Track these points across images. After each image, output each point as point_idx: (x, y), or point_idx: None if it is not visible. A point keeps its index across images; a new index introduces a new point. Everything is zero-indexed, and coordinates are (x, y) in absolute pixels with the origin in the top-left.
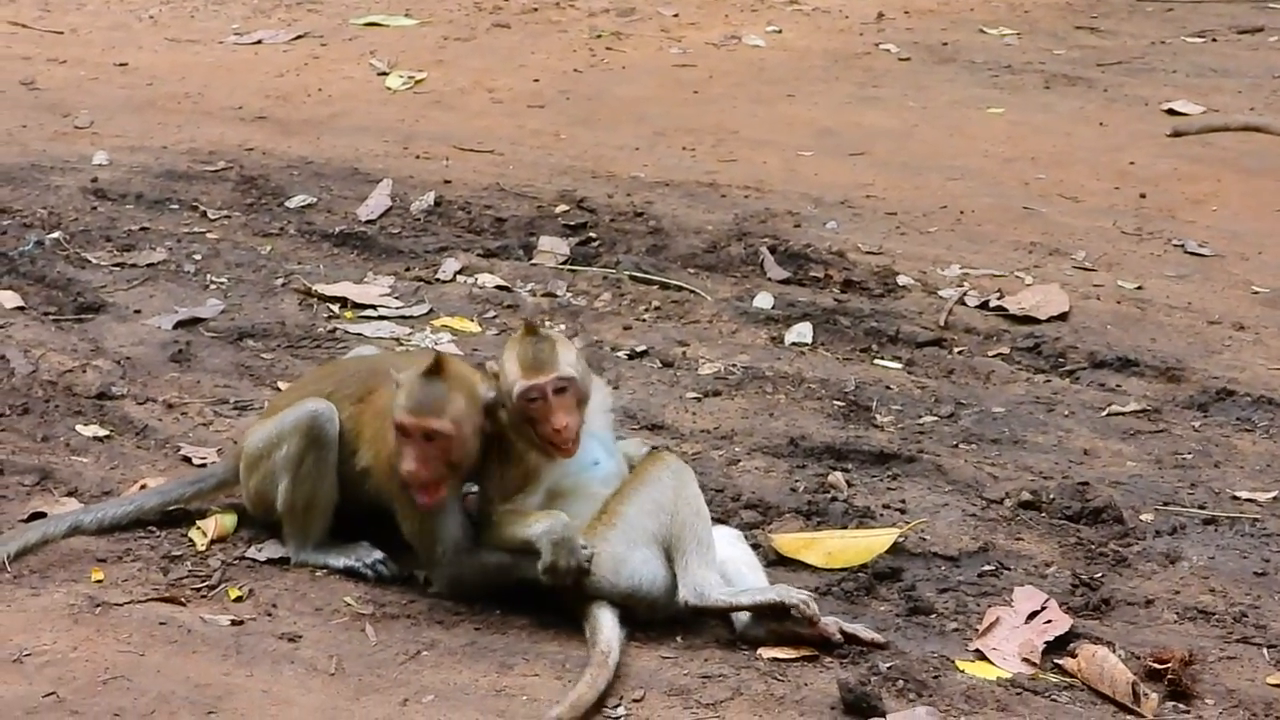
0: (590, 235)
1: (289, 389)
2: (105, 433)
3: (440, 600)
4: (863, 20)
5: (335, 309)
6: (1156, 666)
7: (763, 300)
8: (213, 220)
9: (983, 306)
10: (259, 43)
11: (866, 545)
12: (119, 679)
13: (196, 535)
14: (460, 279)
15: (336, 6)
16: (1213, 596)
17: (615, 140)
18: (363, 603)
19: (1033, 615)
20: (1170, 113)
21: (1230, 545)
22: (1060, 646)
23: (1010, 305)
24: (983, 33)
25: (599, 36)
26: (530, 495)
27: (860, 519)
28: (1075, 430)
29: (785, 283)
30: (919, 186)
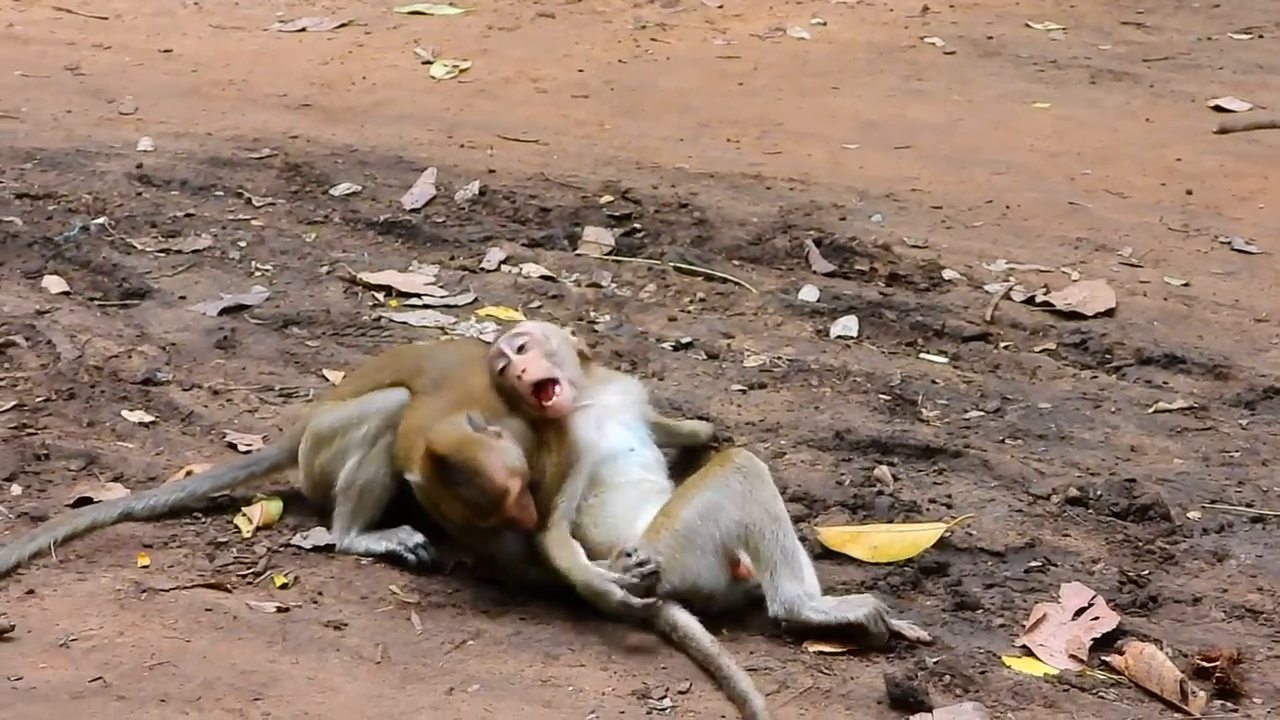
0: (635, 226)
1: (357, 373)
2: (151, 419)
3: (485, 590)
4: (908, 13)
5: (380, 297)
6: (1204, 665)
7: (808, 293)
8: (257, 207)
9: (1029, 301)
10: (303, 30)
11: (913, 540)
12: (165, 664)
13: (242, 522)
14: (505, 269)
15: None
16: (1260, 595)
17: (660, 131)
18: (408, 591)
19: (1080, 612)
20: (1216, 109)
21: (1278, 544)
22: (1107, 644)
23: (1056, 300)
24: (1028, 27)
25: (643, 27)
26: (573, 482)
27: (906, 513)
28: (1122, 427)
29: (830, 275)
30: (964, 180)
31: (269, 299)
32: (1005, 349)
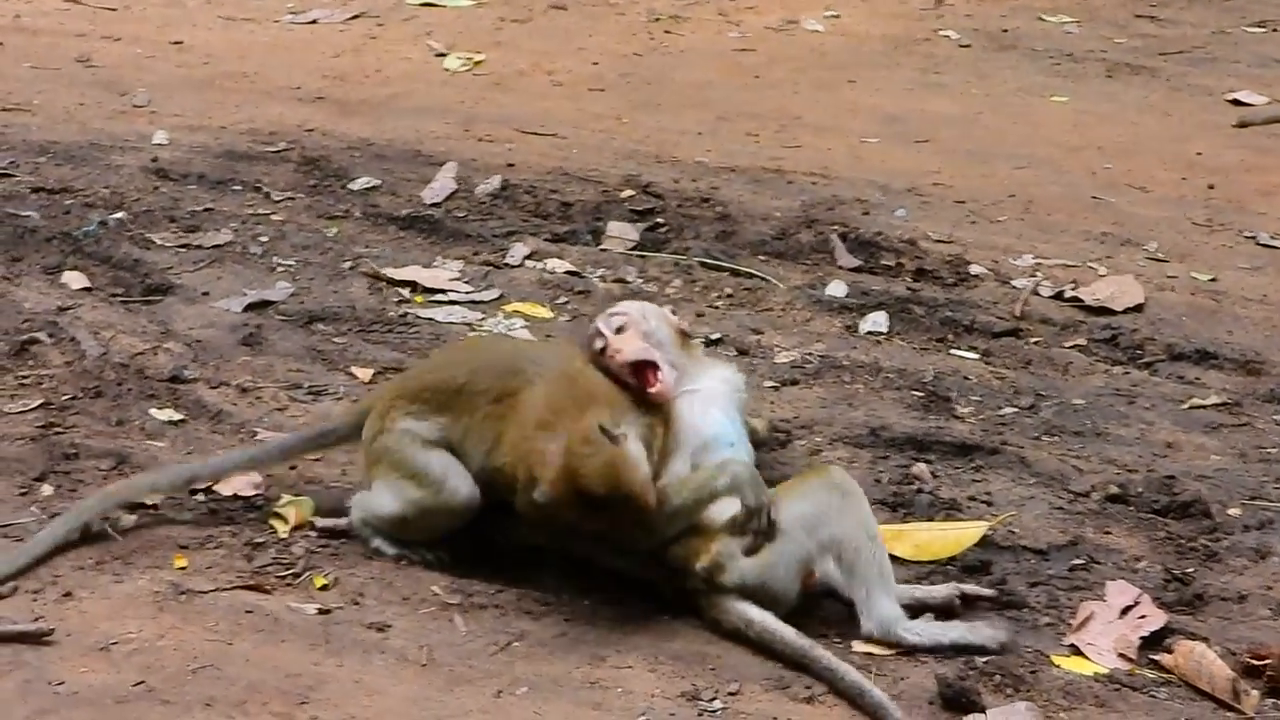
0: (658, 221)
1: (430, 367)
2: (180, 417)
3: (527, 590)
4: (921, 6)
5: (405, 293)
6: (1254, 663)
7: (835, 288)
8: (276, 202)
9: (1057, 297)
10: (314, 22)
11: (955, 538)
12: (208, 668)
13: (278, 523)
14: (529, 264)
15: None
16: None
17: (678, 125)
18: (450, 592)
19: (1126, 610)
20: (1235, 103)
21: None
22: (1155, 642)
23: (1085, 296)
24: (1042, 20)
25: (657, 20)
26: (675, 463)
27: (946, 511)
28: (1157, 423)
29: (857, 271)
30: (986, 175)
31: (293, 295)
32: (1036, 345)
